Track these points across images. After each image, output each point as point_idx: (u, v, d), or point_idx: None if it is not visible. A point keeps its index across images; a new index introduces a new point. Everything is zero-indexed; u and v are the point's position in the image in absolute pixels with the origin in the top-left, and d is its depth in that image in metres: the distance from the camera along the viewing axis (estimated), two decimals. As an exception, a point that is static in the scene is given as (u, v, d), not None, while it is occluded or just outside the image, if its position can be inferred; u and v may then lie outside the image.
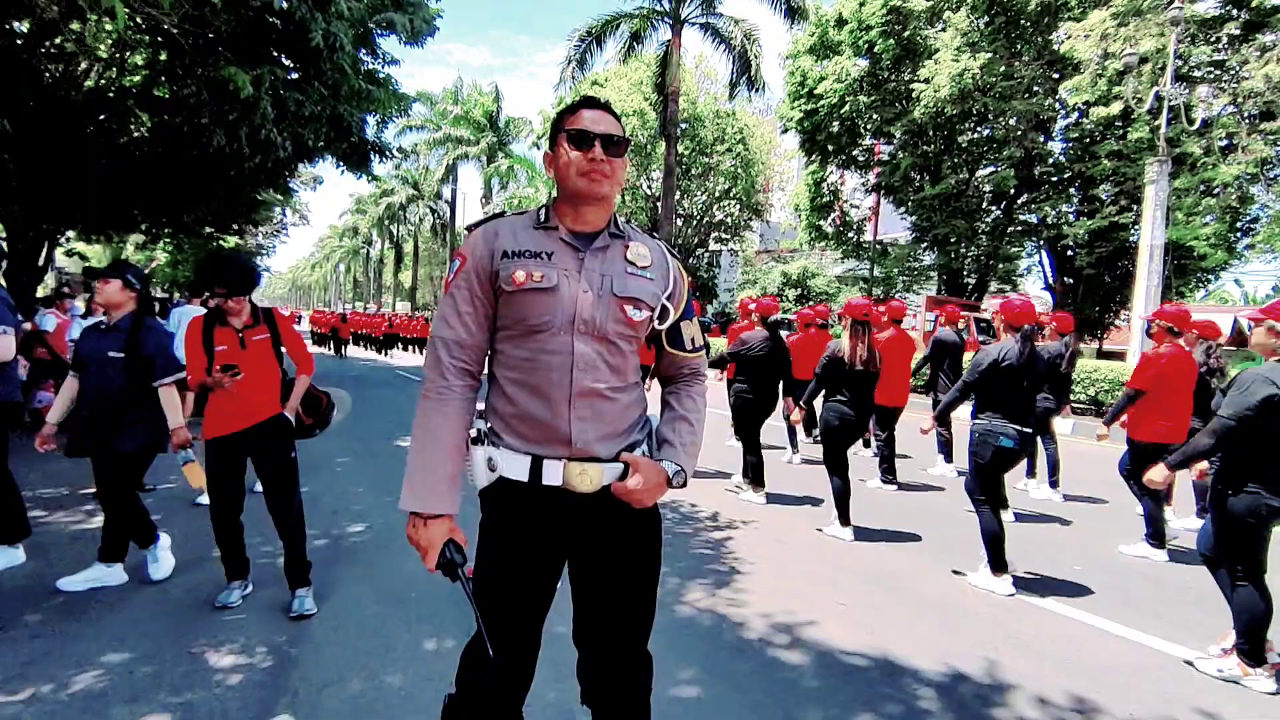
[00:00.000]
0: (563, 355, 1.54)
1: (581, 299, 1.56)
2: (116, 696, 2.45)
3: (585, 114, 1.62)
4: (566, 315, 1.55)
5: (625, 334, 1.62)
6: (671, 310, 1.71)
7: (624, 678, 1.71)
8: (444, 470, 1.53)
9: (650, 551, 1.72)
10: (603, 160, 1.58)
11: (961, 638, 3.35)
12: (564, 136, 1.59)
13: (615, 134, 1.61)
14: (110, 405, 3.35)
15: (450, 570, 1.52)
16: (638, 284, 1.63)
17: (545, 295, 1.54)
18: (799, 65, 23.03)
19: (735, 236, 37.96)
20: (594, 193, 1.59)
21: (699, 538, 4.76)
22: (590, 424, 1.57)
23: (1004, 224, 22.01)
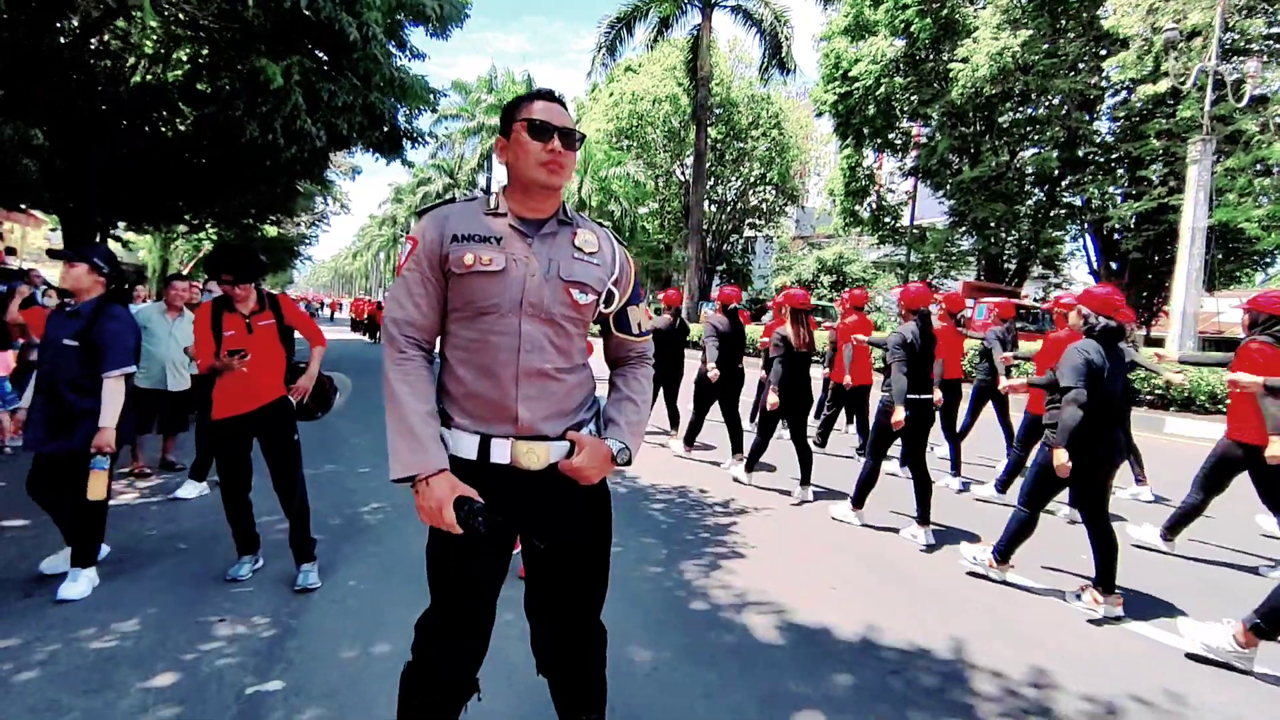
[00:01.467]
0: (510, 336, 1.60)
1: (529, 282, 1.61)
2: (124, 660, 2.61)
3: (543, 105, 1.66)
4: (514, 298, 1.60)
5: (571, 317, 1.67)
6: (617, 295, 1.77)
7: (576, 649, 1.78)
8: (425, 430, 1.56)
9: (599, 526, 1.78)
10: (561, 152, 1.64)
11: (947, 623, 3.34)
12: (522, 126, 1.63)
13: (571, 128, 1.67)
14: (59, 395, 3.16)
15: (473, 522, 1.51)
16: (584, 269, 1.69)
17: (493, 278, 1.60)
18: (833, 47, 22.61)
19: (770, 222, 37.58)
20: (552, 184, 1.65)
21: (704, 521, 4.80)
22: (537, 403, 1.62)
23: (1046, 207, 21.37)
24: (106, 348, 3.16)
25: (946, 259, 24.99)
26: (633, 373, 1.86)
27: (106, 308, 3.23)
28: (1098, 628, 3.37)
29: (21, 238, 21.25)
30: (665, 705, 2.51)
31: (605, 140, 32.39)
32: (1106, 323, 3.54)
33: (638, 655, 2.85)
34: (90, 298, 3.24)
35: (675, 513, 4.98)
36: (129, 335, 3.28)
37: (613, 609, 3.24)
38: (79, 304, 3.23)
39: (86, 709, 2.30)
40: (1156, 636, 3.30)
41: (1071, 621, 3.43)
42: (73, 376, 3.16)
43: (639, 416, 1.79)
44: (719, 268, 37.14)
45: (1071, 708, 2.63)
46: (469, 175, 36.55)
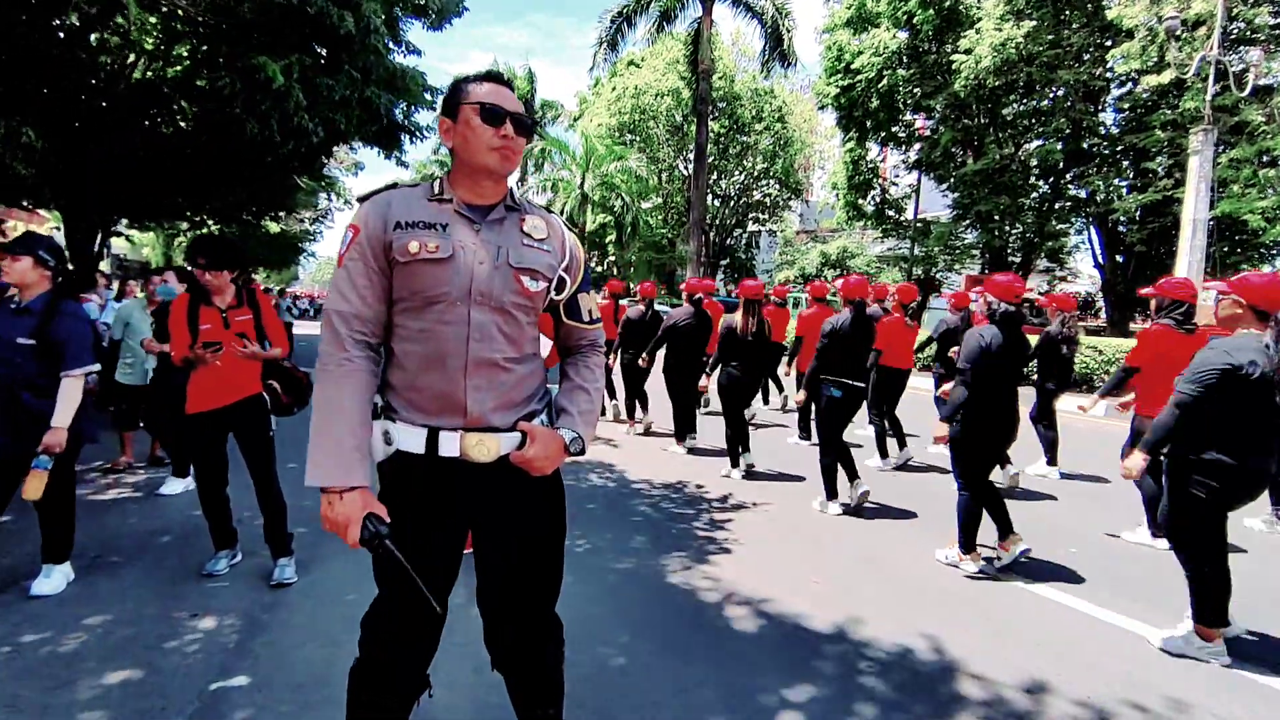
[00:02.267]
0: (459, 325, 1.56)
1: (477, 270, 1.57)
2: (91, 655, 2.61)
3: (493, 88, 1.62)
4: (463, 286, 1.56)
5: (522, 305, 1.64)
6: (568, 282, 1.74)
7: (531, 644, 1.75)
8: (351, 442, 1.52)
9: (552, 519, 1.76)
10: (514, 138, 1.61)
11: (931, 616, 3.31)
12: (475, 109, 1.59)
13: (523, 113, 1.64)
14: (15, 397, 3.01)
15: (376, 541, 1.51)
16: (534, 255, 1.65)
17: (440, 266, 1.55)
18: (835, 39, 22.43)
19: (774, 216, 37.43)
20: (504, 170, 1.63)
21: (691, 515, 4.77)
22: (486, 394, 1.59)
23: (1051, 199, 21.18)
24: (66, 346, 3.05)
25: (950, 252, 24.80)
26: (584, 361, 1.83)
27: (59, 304, 3.11)
28: (1088, 626, 3.33)
29: (26, 235, 21.47)
30: (636, 701, 2.50)
31: (608, 135, 32.29)
32: (1006, 308, 3.77)
33: (612, 650, 2.84)
34: (38, 293, 3.09)
35: (664, 508, 4.96)
36: (88, 332, 3.19)
37: (590, 603, 3.26)
38: (27, 300, 3.07)
39: (45, 705, 2.29)
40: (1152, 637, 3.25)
41: (1058, 617, 3.39)
42: (29, 376, 3.03)
43: (591, 405, 1.77)
44: (722, 262, 37.03)
45: (1059, 710, 2.59)
46: (472, 171, 36.48)
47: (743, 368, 5.72)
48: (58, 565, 3.20)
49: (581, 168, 29.51)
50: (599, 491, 5.33)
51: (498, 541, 1.70)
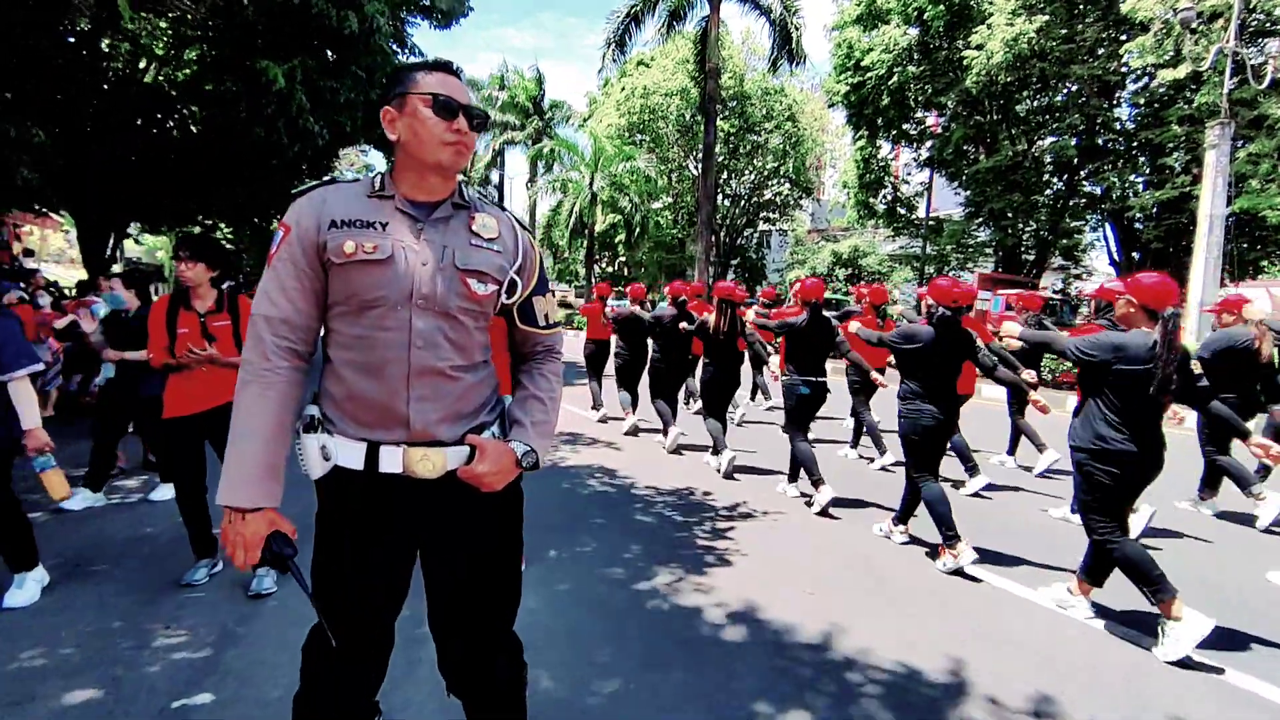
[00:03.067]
0: (399, 332, 1.47)
1: (420, 272, 1.48)
2: (56, 672, 2.54)
3: (443, 79, 1.52)
4: (403, 289, 1.46)
5: (469, 309, 1.54)
6: (520, 284, 1.64)
7: (478, 659, 1.66)
8: (259, 460, 1.44)
9: (506, 534, 1.67)
10: (467, 133, 1.52)
11: (929, 629, 3.19)
12: (426, 101, 1.49)
13: (477, 107, 1.55)
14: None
15: (280, 564, 1.47)
16: (482, 256, 1.55)
17: (378, 267, 1.46)
18: (845, 37, 22.27)
19: (784, 216, 37.18)
20: (457, 166, 1.53)
21: (689, 522, 4.66)
22: (431, 405, 1.50)
23: (1065, 196, 20.88)
24: (1, 350, 2.92)
25: (963, 251, 24.57)
26: (539, 369, 1.73)
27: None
28: (1086, 635, 3.20)
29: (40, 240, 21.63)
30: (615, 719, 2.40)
31: (617, 135, 32.20)
32: (944, 312, 4.00)
33: (592, 665, 2.75)
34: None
35: (666, 514, 4.85)
36: (18, 332, 3.07)
37: (575, 614, 3.17)
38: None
39: (3, 723, 2.24)
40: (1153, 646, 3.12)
41: (1058, 628, 3.26)
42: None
43: (546, 416, 1.67)
44: (733, 262, 36.83)
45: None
46: (481, 172, 36.60)
47: (718, 365, 5.97)
48: (28, 573, 3.14)
49: (590, 168, 29.43)
50: (599, 497, 5.24)
51: (444, 558, 1.61)
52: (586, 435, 7.61)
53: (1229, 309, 5.05)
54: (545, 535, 4.30)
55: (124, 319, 4.63)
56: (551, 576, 3.66)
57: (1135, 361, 3.02)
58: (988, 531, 4.50)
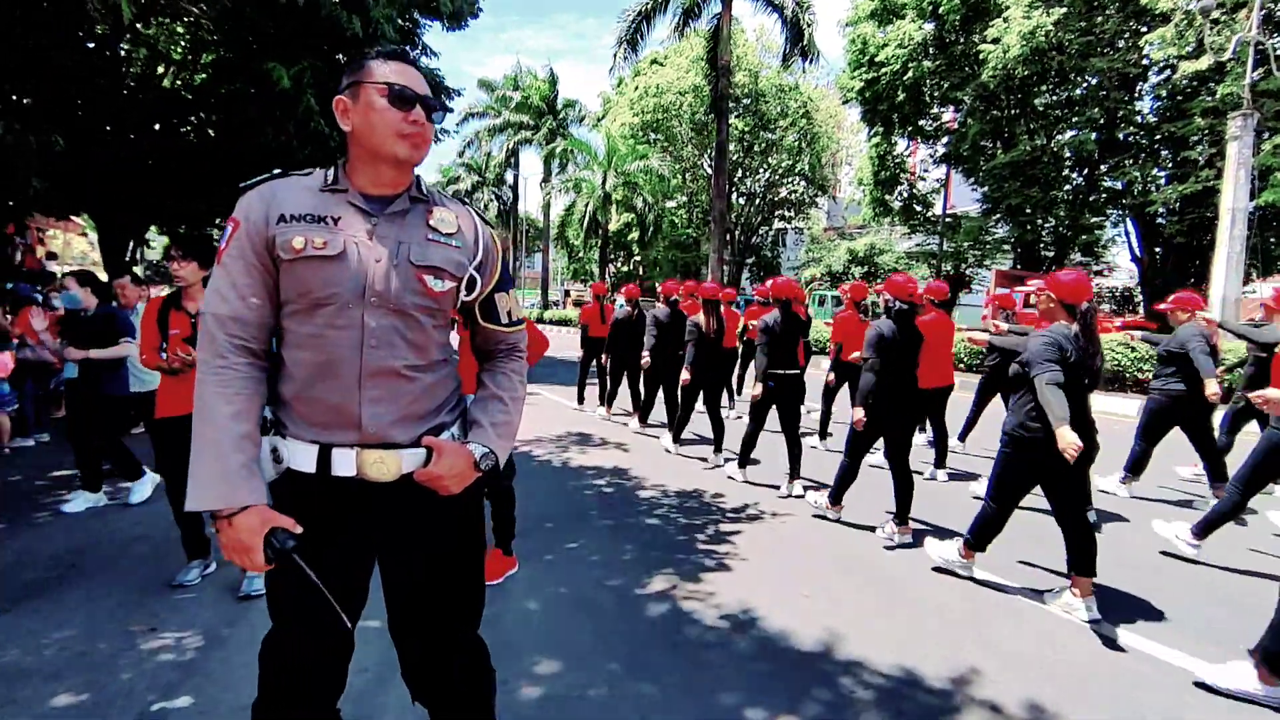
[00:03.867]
0: (352, 330, 1.42)
1: (374, 268, 1.43)
2: (38, 674, 2.54)
3: (399, 68, 1.47)
4: (355, 286, 1.42)
5: (426, 306, 1.49)
6: (479, 281, 1.59)
7: (443, 668, 1.62)
8: (235, 458, 1.36)
9: (465, 535, 1.62)
10: (425, 124, 1.47)
11: (926, 633, 3.10)
12: (379, 90, 1.44)
13: (433, 98, 1.50)
14: None
15: (285, 558, 1.38)
16: (439, 252, 1.50)
17: (329, 264, 1.41)
18: (859, 32, 22.06)
19: (800, 214, 36.97)
20: (414, 159, 1.48)
21: (685, 524, 4.60)
22: (386, 406, 1.45)
23: (1085, 191, 20.50)
24: None
25: (980, 247, 24.23)
26: (501, 368, 1.67)
27: None
28: (1088, 641, 3.09)
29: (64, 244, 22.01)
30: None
31: (631, 134, 32.17)
32: (901, 306, 4.28)
33: (578, 671, 2.69)
34: None
35: (670, 517, 4.78)
36: None
37: (569, 618, 3.13)
38: None
39: (-20, 726, 2.23)
40: (1161, 655, 3.01)
41: (1056, 632, 3.15)
42: None
43: (507, 416, 1.61)
44: (748, 260, 36.68)
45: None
46: (496, 172, 36.73)
47: (705, 362, 6.25)
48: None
49: (603, 167, 29.43)
50: (603, 498, 5.18)
51: (401, 559, 1.56)
52: (597, 436, 7.57)
53: (1183, 307, 5.26)
54: (545, 537, 4.26)
55: (82, 318, 4.59)
56: (547, 578, 3.62)
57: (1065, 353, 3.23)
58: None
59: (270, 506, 1.40)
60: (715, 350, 6.22)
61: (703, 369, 6.24)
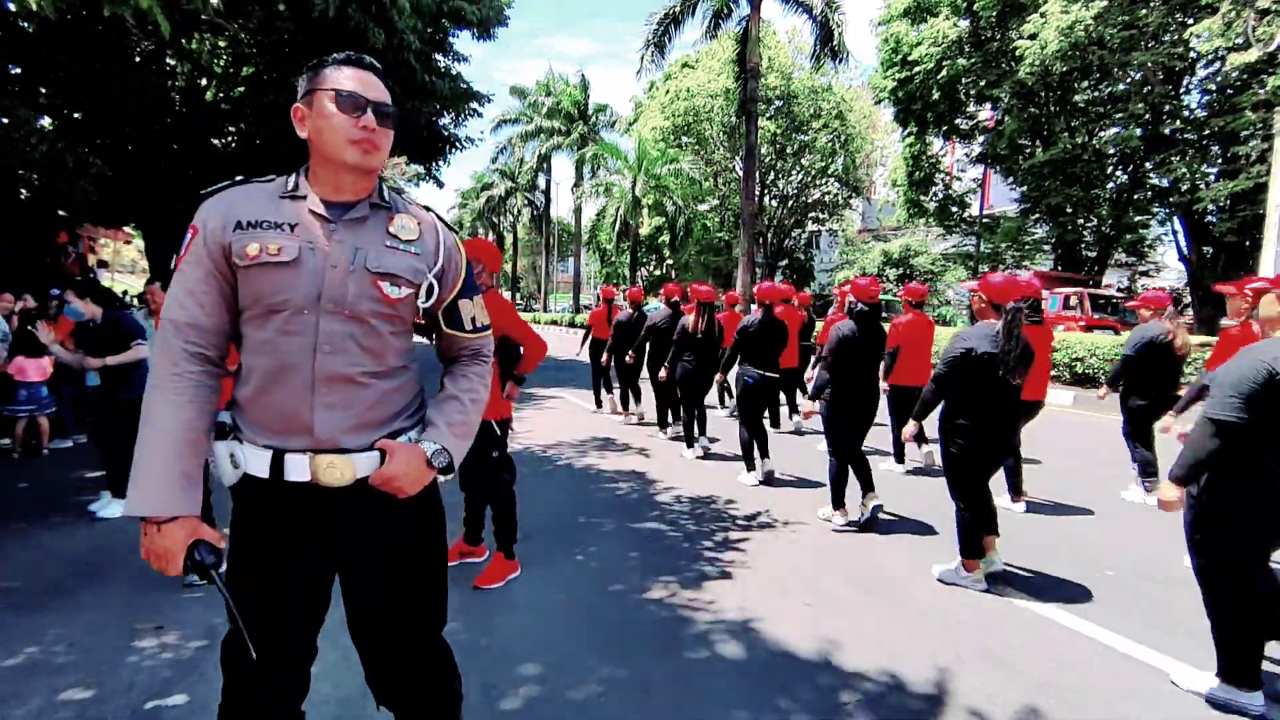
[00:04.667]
0: (305, 336, 1.43)
1: (329, 274, 1.44)
2: (43, 670, 2.63)
3: (353, 73, 1.48)
4: (310, 292, 1.43)
5: (382, 313, 1.49)
6: (438, 288, 1.58)
7: (405, 673, 1.62)
8: (175, 467, 1.39)
9: (426, 536, 1.62)
10: (375, 129, 1.46)
11: (930, 644, 3.02)
12: (329, 95, 1.45)
13: (387, 102, 1.50)
14: None
15: (202, 572, 1.41)
16: (397, 259, 1.51)
17: (283, 270, 1.42)
18: (892, 31, 21.74)
19: (834, 216, 36.53)
20: (365, 165, 1.47)
21: (693, 530, 4.56)
22: (338, 413, 1.45)
23: (1129, 189, 19.85)
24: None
25: (1019, 248, 23.64)
26: (463, 370, 1.67)
27: None
28: (1097, 657, 2.97)
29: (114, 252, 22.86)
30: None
31: (662, 138, 32.17)
32: (862, 307, 4.57)
33: (569, 674, 2.69)
34: None
35: (680, 523, 4.75)
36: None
37: (560, 624, 3.12)
38: None
39: (-17, 720, 2.31)
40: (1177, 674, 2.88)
41: (1068, 648, 3.03)
42: None
43: (463, 415, 1.60)
44: (780, 264, 36.37)
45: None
46: (529, 177, 37.06)
47: (695, 361, 6.56)
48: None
49: (634, 171, 29.48)
50: (615, 504, 5.17)
51: (362, 564, 1.56)
52: (617, 440, 7.58)
53: (1148, 305, 5.36)
54: (551, 541, 4.27)
55: (91, 327, 4.66)
56: (547, 583, 3.62)
57: (980, 351, 3.49)
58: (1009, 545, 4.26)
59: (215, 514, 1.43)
60: (704, 348, 6.54)
61: (695, 367, 6.57)
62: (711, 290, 6.76)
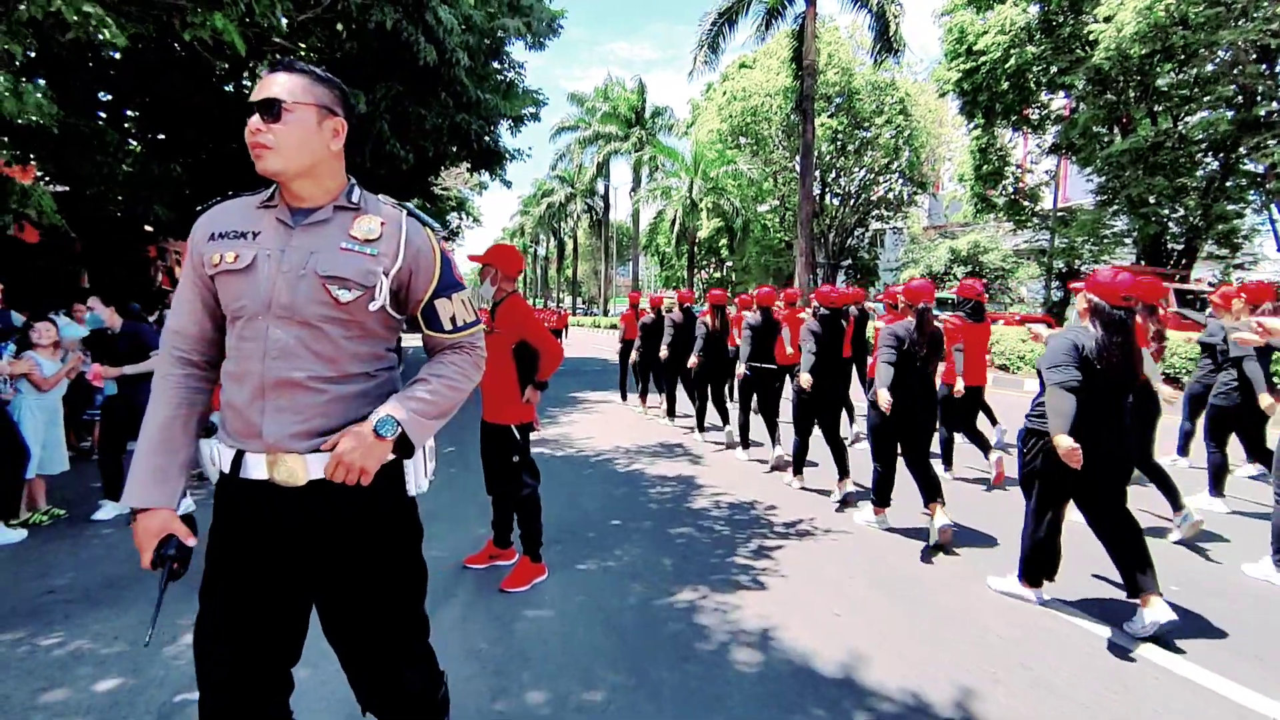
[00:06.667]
0: (257, 342, 1.46)
1: (279, 280, 1.45)
2: (88, 660, 2.77)
3: (265, 78, 1.48)
4: (261, 298, 1.45)
5: (332, 317, 1.47)
6: (404, 289, 1.55)
7: (393, 682, 1.61)
8: (150, 461, 1.48)
9: (397, 539, 1.60)
10: (258, 130, 1.44)
11: (962, 661, 2.87)
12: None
13: (272, 98, 1.44)
14: None
15: (160, 564, 1.46)
16: (349, 261, 1.48)
17: (238, 277, 1.46)
18: (957, 21, 20.93)
19: (898, 213, 35.51)
20: (261, 169, 1.47)
21: (726, 535, 4.49)
22: (288, 417, 1.46)
23: (1220, 177, 18.51)
24: None
25: (1097, 242, 22.35)
26: (442, 357, 1.64)
27: None
28: (1155, 683, 2.76)
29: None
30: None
31: (719, 139, 31.96)
32: (824, 311, 5.41)
33: (584, 687, 2.66)
34: None
35: (716, 529, 4.69)
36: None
37: (582, 630, 3.12)
38: None
39: (25, 705, 2.45)
40: (1236, 697, 2.65)
41: (1117, 670, 2.83)
42: None
43: (427, 393, 1.54)
44: (843, 263, 35.57)
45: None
46: (588, 183, 37.44)
47: (708, 356, 7.29)
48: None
49: (690, 174, 29.37)
50: (654, 508, 5.15)
51: (334, 565, 1.54)
52: (665, 443, 7.60)
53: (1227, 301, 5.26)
54: (583, 545, 4.27)
55: (109, 336, 4.79)
56: (573, 587, 3.62)
57: (906, 340, 4.33)
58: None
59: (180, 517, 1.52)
60: (715, 346, 7.28)
61: (708, 361, 7.31)
62: (724, 294, 7.51)
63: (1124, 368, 3.11)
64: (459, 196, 28.55)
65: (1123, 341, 3.10)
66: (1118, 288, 3.14)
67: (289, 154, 1.46)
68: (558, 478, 5.77)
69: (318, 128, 1.50)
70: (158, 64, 10.13)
